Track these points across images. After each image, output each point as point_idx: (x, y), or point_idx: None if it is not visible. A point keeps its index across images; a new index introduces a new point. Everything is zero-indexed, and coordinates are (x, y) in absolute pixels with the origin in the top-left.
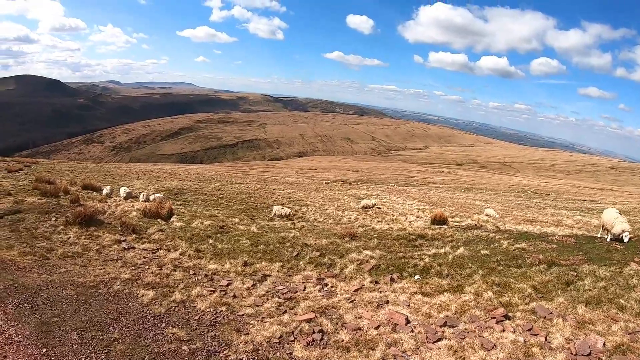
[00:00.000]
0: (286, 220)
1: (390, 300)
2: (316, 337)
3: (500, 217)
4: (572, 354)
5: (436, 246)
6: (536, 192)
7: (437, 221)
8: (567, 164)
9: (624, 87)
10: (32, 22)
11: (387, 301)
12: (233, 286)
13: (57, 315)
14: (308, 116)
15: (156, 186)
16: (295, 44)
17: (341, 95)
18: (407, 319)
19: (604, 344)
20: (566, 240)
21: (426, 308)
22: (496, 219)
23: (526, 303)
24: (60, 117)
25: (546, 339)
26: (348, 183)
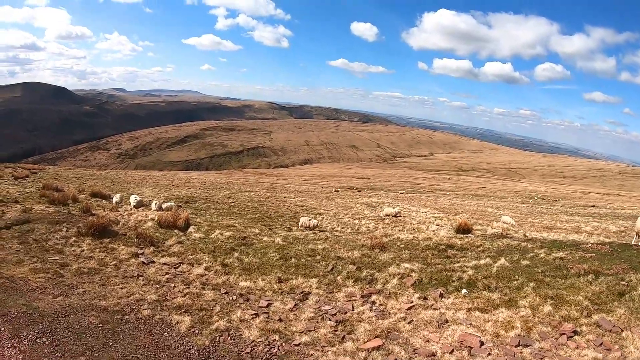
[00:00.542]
0: (307, 230)
1: (449, 318)
2: None
3: (518, 225)
4: None
5: (471, 257)
6: (543, 198)
7: (462, 230)
8: (573, 170)
9: (629, 91)
10: (39, 30)
11: (447, 320)
12: (274, 307)
13: (83, 352)
14: (313, 124)
15: (166, 194)
16: (300, 52)
17: (346, 102)
18: (481, 341)
19: None
20: (601, 248)
21: (490, 326)
22: (515, 227)
23: (586, 316)
24: (66, 124)
25: (622, 354)
26: (357, 190)
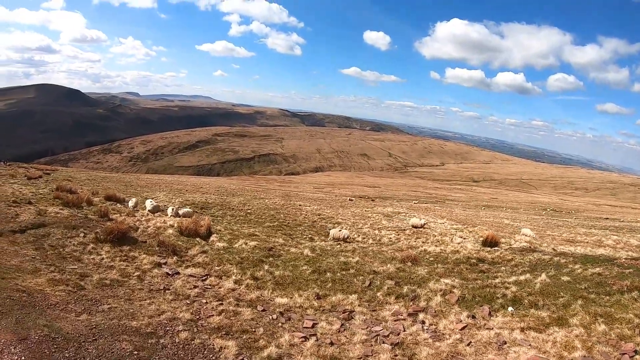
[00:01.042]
0: (331, 240)
1: (506, 339)
2: None
3: (539, 238)
4: None
5: (506, 272)
6: (556, 210)
7: (489, 243)
8: (585, 181)
9: None
10: (54, 33)
11: (505, 341)
12: (321, 328)
13: None
14: (325, 131)
15: (180, 199)
16: (312, 60)
17: (358, 110)
18: None
19: None
20: (637, 264)
21: (550, 347)
22: (537, 240)
23: (639, 334)
24: (79, 127)
25: None
26: (370, 199)
